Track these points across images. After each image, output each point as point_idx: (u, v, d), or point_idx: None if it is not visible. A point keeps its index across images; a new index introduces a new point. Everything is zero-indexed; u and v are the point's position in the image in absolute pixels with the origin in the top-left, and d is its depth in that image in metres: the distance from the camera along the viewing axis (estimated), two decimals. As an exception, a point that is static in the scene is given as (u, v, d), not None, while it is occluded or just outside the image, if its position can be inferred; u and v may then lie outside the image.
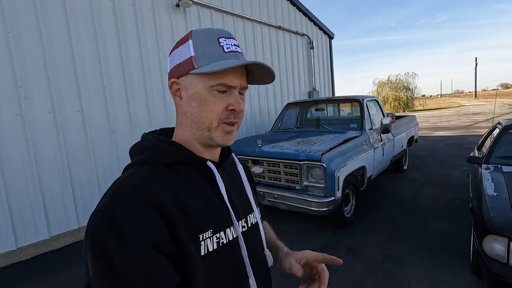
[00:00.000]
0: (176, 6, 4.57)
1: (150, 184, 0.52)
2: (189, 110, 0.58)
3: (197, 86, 0.56)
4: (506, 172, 2.53)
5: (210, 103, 0.56)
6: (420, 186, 4.85)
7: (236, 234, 0.60)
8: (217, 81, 0.55)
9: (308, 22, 7.79)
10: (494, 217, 1.93)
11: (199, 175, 0.59)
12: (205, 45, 0.57)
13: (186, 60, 0.57)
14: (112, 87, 3.80)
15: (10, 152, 3.00)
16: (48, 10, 3.25)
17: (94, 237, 0.46)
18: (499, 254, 1.79)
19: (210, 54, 0.56)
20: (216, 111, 0.57)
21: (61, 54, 3.35)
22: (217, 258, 0.55)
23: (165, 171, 0.56)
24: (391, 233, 3.26)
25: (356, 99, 4.37)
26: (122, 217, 0.46)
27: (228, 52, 0.57)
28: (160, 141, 0.59)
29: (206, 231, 0.54)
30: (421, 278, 2.43)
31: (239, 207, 0.64)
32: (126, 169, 0.60)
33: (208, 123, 0.57)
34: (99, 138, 3.68)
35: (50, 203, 3.26)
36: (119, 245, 0.44)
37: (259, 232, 0.69)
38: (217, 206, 0.58)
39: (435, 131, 11.98)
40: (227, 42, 0.58)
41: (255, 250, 0.66)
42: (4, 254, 2.98)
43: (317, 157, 3.00)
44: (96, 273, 0.45)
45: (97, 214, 0.48)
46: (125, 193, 0.50)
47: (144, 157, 0.58)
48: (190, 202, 0.54)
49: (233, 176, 0.69)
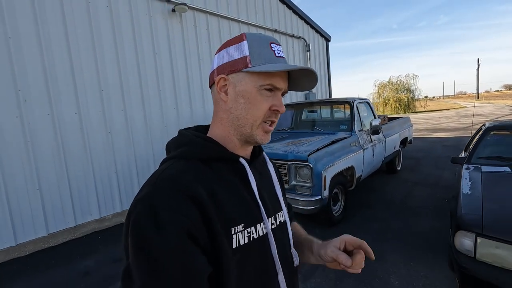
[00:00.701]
0: (172, 11, 4.71)
1: (187, 177, 0.54)
2: (235, 106, 0.61)
3: (247, 84, 0.59)
4: (484, 172, 2.62)
5: (257, 101, 0.60)
6: (412, 186, 4.93)
7: (266, 230, 0.61)
8: (267, 81, 0.59)
9: (305, 25, 7.91)
10: (464, 214, 2.02)
11: (231, 171, 0.61)
12: (260, 47, 0.60)
13: (240, 58, 0.59)
14: (109, 89, 3.93)
15: (10, 152, 3.14)
16: (47, 16, 3.39)
17: (135, 224, 0.49)
18: (467, 249, 1.88)
19: (264, 56, 0.59)
20: (262, 109, 0.60)
21: (59, 58, 3.49)
22: (248, 252, 0.57)
23: (201, 165, 0.58)
24: (378, 231, 3.35)
25: (347, 101, 4.47)
26: (160, 207, 0.49)
27: (279, 57, 0.61)
28: (197, 137, 0.62)
29: (238, 225, 0.56)
30: (401, 274, 2.52)
31: (269, 205, 0.66)
32: (163, 162, 0.62)
33: (253, 120, 0.61)
34: (96, 139, 3.81)
35: (48, 202, 3.39)
36: (157, 233, 0.47)
37: (287, 231, 0.71)
38: (248, 202, 0.60)
39: (433, 133, 12.02)
40: (277, 48, 0.62)
41: (283, 248, 0.67)
42: (3, 250, 3.11)
43: (304, 158, 3.11)
44: (134, 257, 0.48)
45: (138, 203, 0.51)
46: (164, 185, 0.52)
47: (181, 151, 0.60)
48: (223, 196, 0.56)
49: (263, 174, 0.71)
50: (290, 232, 0.71)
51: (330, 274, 2.58)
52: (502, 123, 3.45)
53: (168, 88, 4.66)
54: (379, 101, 28.61)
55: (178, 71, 4.78)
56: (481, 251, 1.82)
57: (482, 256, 1.82)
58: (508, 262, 1.73)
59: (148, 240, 0.47)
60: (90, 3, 3.76)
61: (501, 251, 1.76)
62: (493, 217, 1.92)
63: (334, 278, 2.53)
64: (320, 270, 2.66)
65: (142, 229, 0.48)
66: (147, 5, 4.41)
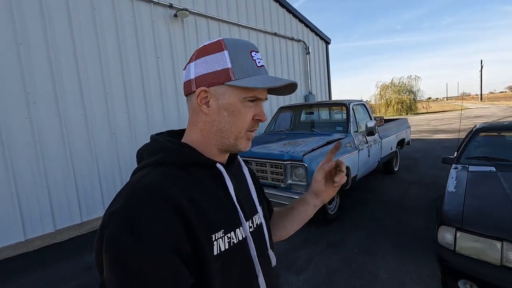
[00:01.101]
0: (174, 16, 4.87)
1: (166, 185, 0.52)
2: (218, 119, 0.60)
3: (230, 97, 0.58)
4: (471, 171, 2.73)
5: (242, 113, 0.60)
6: (408, 186, 5.04)
7: (245, 234, 0.62)
8: (250, 93, 0.59)
9: (304, 28, 8.06)
10: (446, 210, 2.14)
11: (209, 177, 0.60)
12: (241, 58, 0.58)
13: (221, 70, 0.58)
14: (113, 92, 4.10)
15: (20, 151, 3.30)
16: (54, 22, 3.57)
17: (113, 238, 0.46)
18: (448, 243, 2.00)
19: (247, 68, 0.58)
20: (247, 121, 0.61)
21: (66, 62, 3.66)
22: (229, 257, 0.57)
23: (178, 172, 0.57)
24: (371, 229, 3.47)
25: (343, 103, 4.60)
26: (139, 218, 0.46)
27: (260, 66, 0.61)
28: (173, 143, 0.60)
29: (218, 231, 0.56)
30: (391, 268, 2.64)
31: (246, 208, 0.65)
32: (138, 170, 0.59)
33: (237, 132, 0.61)
34: (101, 140, 3.97)
35: (55, 199, 3.56)
36: (138, 248, 0.44)
37: (264, 232, 0.71)
38: (227, 207, 0.60)
39: (434, 134, 12.09)
40: (257, 56, 0.61)
41: (261, 250, 0.67)
42: (13, 245, 3.27)
43: (299, 157, 3.24)
44: (112, 273, 0.45)
45: (113, 215, 0.48)
46: (143, 194, 0.50)
47: (157, 158, 0.58)
48: (203, 203, 0.55)
49: (239, 178, 0.71)
50: (266, 234, 0.72)
51: (322, 269, 2.70)
52: (491, 124, 3.56)
53: (170, 90, 4.82)
54: (381, 102, 28.65)
55: (180, 74, 4.94)
56: (460, 244, 1.94)
57: (461, 249, 1.93)
58: (484, 254, 1.84)
59: (127, 254, 0.44)
60: (96, 9, 3.94)
61: (478, 244, 1.88)
62: (472, 213, 2.03)
63: (326, 272, 2.66)
64: (313, 264, 2.78)
65: (120, 243, 0.45)
66: (150, 11, 4.58)
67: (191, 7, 5.09)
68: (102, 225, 0.49)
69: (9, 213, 3.23)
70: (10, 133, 3.24)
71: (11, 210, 3.24)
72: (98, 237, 0.49)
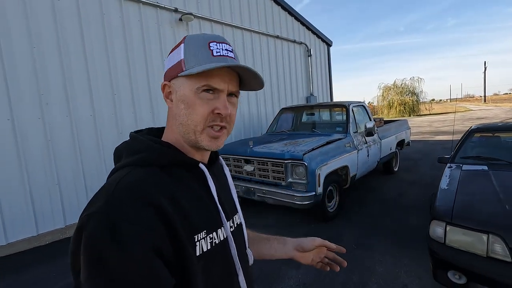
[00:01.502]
0: (179, 20, 5.04)
1: (148, 185, 0.51)
2: (178, 112, 0.59)
3: (184, 89, 0.57)
4: (464, 170, 2.85)
5: (196, 105, 0.57)
6: (407, 186, 5.15)
7: (226, 234, 0.62)
8: (203, 82, 0.56)
9: (306, 31, 8.20)
10: (438, 206, 2.26)
11: (191, 177, 0.60)
12: (195, 49, 0.58)
13: (177, 63, 0.58)
14: (120, 93, 4.27)
15: (33, 150, 3.47)
16: (66, 27, 3.74)
17: (91, 241, 0.44)
18: (439, 236, 2.11)
19: (198, 57, 0.57)
20: (201, 114, 0.57)
21: (76, 65, 3.83)
22: (211, 258, 0.57)
23: (159, 172, 0.55)
24: (369, 226, 3.59)
25: (343, 104, 4.73)
26: (121, 220, 0.45)
27: (217, 55, 0.57)
28: (155, 142, 0.59)
29: (201, 232, 0.55)
30: (386, 263, 2.76)
31: (227, 208, 0.66)
32: (116, 170, 0.57)
33: (194, 126, 0.58)
34: (108, 139, 4.13)
35: (66, 196, 3.72)
36: (119, 250, 0.43)
37: (243, 232, 0.72)
38: (209, 208, 0.60)
39: (435, 135, 12.15)
40: (218, 46, 0.58)
41: (241, 249, 0.68)
42: (26, 239, 3.43)
43: (299, 156, 3.37)
44: (91, 278, 0.43)
45: (92, 217, 0.46)
46: (123, 195, 0.48)
47: (138, 158, 0.56)
48: (185, 204, 0.54)
49: (220, 178, 0.70)
50: (245, 233, 0.73)
51: (321, 262, 2.83)
52: (485, 125, 3.66)
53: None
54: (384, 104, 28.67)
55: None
56: (450, 238, 2.06)
57: (450, 242, 2.05)
58: (472, 247, 1.96)
59: (107, 257, 0.43)
60: (105, 14, 4.11)
61: (466, 237, 1.99)
62: (462, 208, 2.15)
63: (324, 265, 2.78)
64: (312, 258, 2.91)
65: (100, 244, 0.43)
66: (156, 15, 4.75)
67: (195, 11, 5.25)
68: (79, 226, 0.46)
69: (23, 209, 3.39)
70: (25, 132, 3.40)
71: (24, 206, 3.40)
72: (75, 238, 0.47)
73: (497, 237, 1.87)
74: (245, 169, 3.93)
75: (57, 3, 3.66)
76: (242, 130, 6.24)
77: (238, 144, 4.36)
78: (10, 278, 2.88)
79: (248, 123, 6.42)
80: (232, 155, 4.08)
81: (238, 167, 4.05)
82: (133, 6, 4.45)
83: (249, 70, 0.59)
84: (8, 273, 2.97)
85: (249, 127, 6.45)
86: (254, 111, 6.59)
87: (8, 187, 3.30)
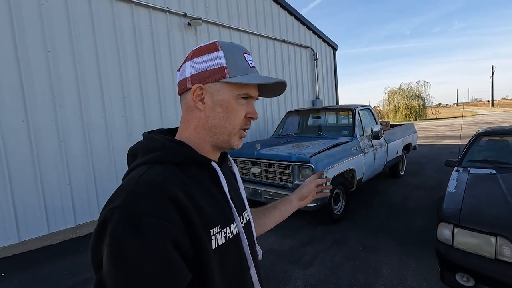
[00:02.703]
0: (188, 25, 5.14)
1: (166, 181, 0.54)
2: (213, 115, 0.62)
3: (225, 94, 0.61)
4: (471, 173, 2.85)
5: (235, 110, 0.62)
6: (413, 189, 5.13)
7: (238, 229, 0.65)
8: (244, 90, 0.63)
9: (312, 35, 8.26)
10: (445, 208, 2.27)
11: (204, 175, 0.62)
12: (235, 58, 0.62)
13: (217, 68, 0.61)
14: (130, 96, 4.36)
15: (46, 151, 3.56)
16: (79, 31, 3.85)
17: (115, 234, 0.46)
18: (446, 238, 2.13)
19: (241, 67, 0.62)
20: (240, 118, 0.63)
21: (89, 68, 3.93)
22: (226, 251, 0.59)
23: (175, 169, 0.58)
24: (375, 228, 3.60)
25: (349, 108, 4.76)
26: (143, 213, 0.47)
27: (252, 67, 0.65)
28: (170, 141, 0.61)
29: (216, 226, 0.58)
30: (393, 265, 2.77)
31: (237, 205, 0.68)
32: (134, 167, 0.59)
33: (231, 128, 0.63)
34: (118, 140, 4.22)
35: (76, 196, 3.80)
36: (141, 243, 0.45)
37: (251, 228, 0.75)
38: (221, 204, 0.63)
39: (442, 140, 12.06)
40: (249, 58, 0.66)
41: (251, 244, 0.70)
42: (39, 237, 3.51)
43: (306, 159, 3.41)
44: (113, 269, 0.46)
45: (115, 210, 0.48)
46: (143, 190, 0.51)
47: (155, 156, 0.59)
48: (200, 199, 0.57)
49: (229, 176, 0.74)
50: (253, 229, 0.76)
51: (328, 264, 2.85)
52: (493, 129, 3.66)
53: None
54: (389, 108, 28.54)
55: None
56: (457, 240, 2.07)
57: (458, 244, 2.06)
58: (480, 249, 1.97)
59: (127, 249, 0.45)
60: (116, 19, 4.22)
61: (474, 239, 2.00)
62: (469, 211, 2.16)
63: (331, 266, 2.80)
64: (319, 259, 2.93)
65: (123, 238, 0.46)
66: (166, 20, 4.86)
67: (204, 16, 5.35)
68: (103, 220, 0.49)
69: (35, 208, 3.48)
70: (39, 134, 3.50)
71: (37, 205, 3.49)
72: (97, 232, 0.49)
73: (505, 240, 1.88)
74: (252, 171, 3.97)
75: (71, 8, 3.77)
76: (248, 133, 6.28)
77: (245, 147, 4.40)
78: (22, 275, 2.95)
79: (254, 126, 6.48)
80: (239, 157, 4.13)
81: (245, 169, 4.09)
82: (143, 11, 4.56)
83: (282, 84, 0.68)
84: (20, 270, 3.05)
85: (255, 130, 6.51)
86: (260, 114, 6.66)
87: (22, 187, 3.39)
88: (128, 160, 0.64)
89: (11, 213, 3.32)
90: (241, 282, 0.65)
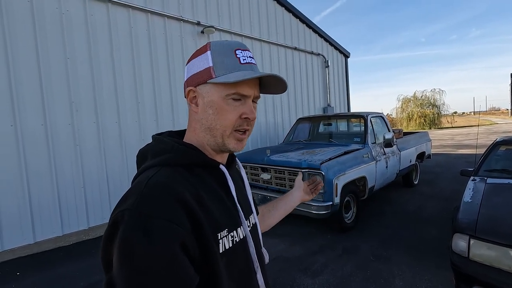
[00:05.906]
0: (201, 33, 5.25)
1: (176, 183, 0.54)
2: (205, 117, 0.61)
3: (213, 95, 0.60)
4: (488, 183, 2.76)
5: (225, 111, 0.60)
6: (426, 199, 5.00)
7: (245, 233, 0.65)
8: (232, 90, 0.59)
9: (324, 43, 8.28)
10: (461, 219, 2.20)
11: (211, 177, 0.62)
12: (223, 56, 0.60)
13: (204, 70, 0.60)
14: (144, 102, 4.47)
15: (62, 154, 3.68)
16: (98, 39, 4.00)
17: (125, 236, 0.47)
18: (462, 250, 2.06)
19: (227, 64, 0.59)
20: (230, 119, 0.60)
21: (105, 75, 4.06)
22: (233, 255, 0.59)
23: (184, 172, 0.58)
24: (387, 238, 3.51)
25: (361, 115, 4.71)
26: (153, 216, 0.48)
27: (244, 63, 0.61)
28: (179, 144, 0.61)
29: (223, 230, 0.58)
30: (406, 276, 2.69)
31: (244, 208, 0.68)
32: (144, 170, 0.59)
33: (222, 130, 0.61)
34: (132, 145, 4.30)
35: (90, 199, 3.88)
36: (150, 245, 0.46)
37: (258, 231, 0.75)
38: (229, 207, 0.62)
39: (458, 149, 11.73)
40: (243, 54, 0.62)
41: (257, 248, 0.70)
42: (53, 238, 3.60)
43: (317, 166, 3.38)
44: (122, 271, 0.46)
45: (125, 212, 0.48)
46: (154, 192, 0.51)
47: (164, 158, 0.59)
48: (208, 202, 0.57)
49: (237, 179, 0.74)
50: (260, 233, 0.76)
51: (338, 273, 2.79)
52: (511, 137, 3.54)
53: (195, 101, 5.14)
54: (403, 116, 28.07)
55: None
56: (473, 252, 2.00)
57: (474, 256, 1.99)
58: (497, 261, 1.89)
59: (136, 250, 0.46)
60: (133, 27, 4.36)
61: (491, 251, 1.93)
62: (486, 222, 2.09)
63: (341, 275, 2.74)
64: (329, 268, 2.88)
65: (131, 239, 0.46)
66: (180, 28, 4.98)
67: (217, 24, 5.46)
68: (114, 221, 0.49)
69: (50, 210, 3.57)
70: (57, 137, 3.62)
71: (52, 207, 3.59)
72: (109, 234, 0.50)
73: (524, 252, 1.81)
74: (262, 177, 3.97)
75: (90, 17, 3.93)
76: (258, 139, 6.31)
77: (255, 153, 4.41)
78: (36, 275, 3.02)
79: (264, 132, 6.49)
80: (249, 163, 4.13)
81: (255, 175, 4.10)
82: (158, 19, 4.69)
83: (276, 78, 0.63)
84: (34, 270, 3.13)
85: (265, 136, 6.52)
86: (271, 120, 6.67)
87: (39, 188, 3.50)
88: (138, 162, 0.64)
89: (28, 214, 3.42)
90: (247, 285, 0.65)
